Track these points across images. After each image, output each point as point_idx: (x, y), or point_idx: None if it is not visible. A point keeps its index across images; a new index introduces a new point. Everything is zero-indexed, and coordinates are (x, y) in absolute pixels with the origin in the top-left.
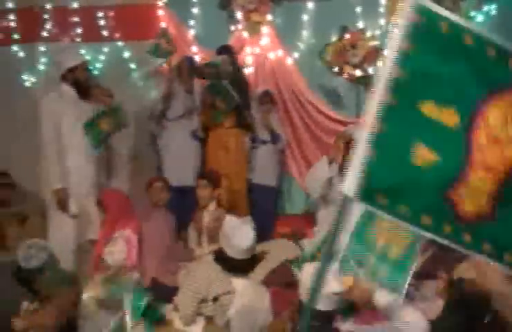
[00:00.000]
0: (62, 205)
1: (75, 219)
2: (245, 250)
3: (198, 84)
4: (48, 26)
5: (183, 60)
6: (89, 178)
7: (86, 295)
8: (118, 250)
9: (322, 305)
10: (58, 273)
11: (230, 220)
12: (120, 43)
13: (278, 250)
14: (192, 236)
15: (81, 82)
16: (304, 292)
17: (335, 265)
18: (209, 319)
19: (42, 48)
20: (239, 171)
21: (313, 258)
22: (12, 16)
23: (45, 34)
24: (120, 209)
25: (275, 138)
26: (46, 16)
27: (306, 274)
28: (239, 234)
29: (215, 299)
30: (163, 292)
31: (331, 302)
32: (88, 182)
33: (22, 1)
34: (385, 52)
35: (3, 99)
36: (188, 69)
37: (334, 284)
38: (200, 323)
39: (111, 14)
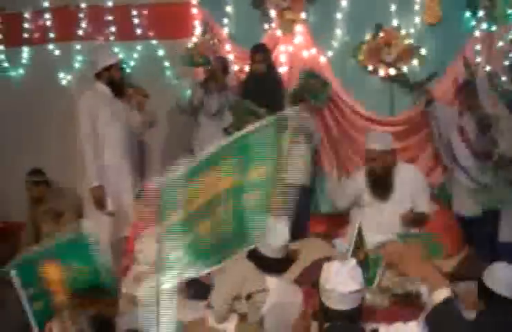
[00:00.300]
0: (99, 202)
1: (111, 217)
2: (278, 248)
3: (233, 82)
4: (83, 25)
5: (215, 59)
6: (125, 175)
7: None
8: (150, 247)
9: (342, 304)
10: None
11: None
12: (153, 42)
13: (311, 249)
14: None
15: (115, 81)
16: (321, 292)
17: (351, 263)
18: (243, 317)
19: (77, 47)
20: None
21: None
22: (47, 15)
23: (80, 32)
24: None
25: (308, 136)
26: (81, 14)
27: (324, 273)
28: (274, 233)
29: (248, 297)
30: (199, 290)
31: (350, 301)
32: (124, 179)
33: (58, 0)
34: (421, 50)
35: (39, 97)
36: (221, 68)
37: (351, 283)
38: (234, 320)
39: (145, 12)
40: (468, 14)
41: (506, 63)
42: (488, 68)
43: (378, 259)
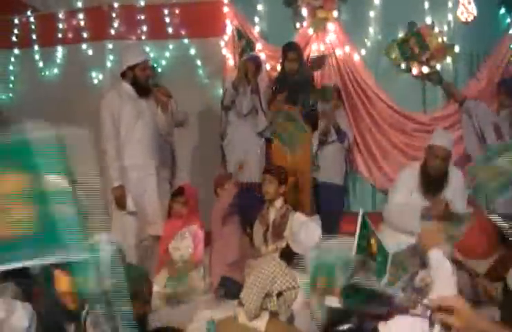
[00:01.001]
0: (120, 202)
1: (135, 215)
2: (311, 247)
3: (265, 82)
4: (115, 24)
5: (248, 59)
6: (150, 175)
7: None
8: (185, 246)
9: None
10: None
11: (299, 217)
12: (185, 41)
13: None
14: (257, 232)
15: (139, 80)
16: None
17: None
18: (274, 314)
19: (110, 46)
20: (303, 169)
21: None
22: (81, 16)
23: (112, 32)
24: (196, 205)
25: (341, 136)
26: (114, 14)
27: None
28: (307, 231)
29: (279, 295)
30: (233, 289)
31: None
32: (148, 179)
33: (91, 0)
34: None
35: (73, 96)
36: (253, 68)
37: None
38: (265, 317)
39: (177, 11)
40: (503, 11)
41: None
42: None
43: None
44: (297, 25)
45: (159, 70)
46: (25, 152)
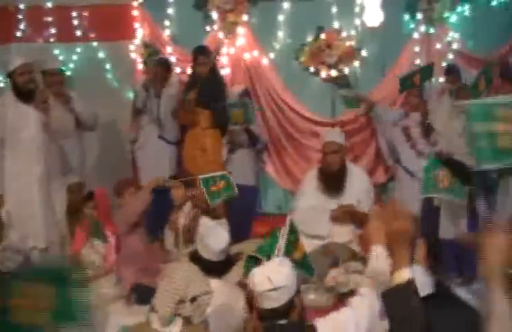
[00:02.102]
0: None
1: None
2: (219, 252)
3: (175, 86)
4: (21, 26)
5: (159, 62)
6: (34, 182)
7: None
8: (96, 252)
9: (267, 303)
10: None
11: (205, 222)
12: (94, 44)
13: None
14: (168, 237)
15: (19, 86)
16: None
17: (271, 263)
18: (187, 320)
19: (16, 49)
20: (214, 171)
21: None
22: None
23: (19, 34)
24: (107, 210)
25: (253, 139)
26: (20, 16)
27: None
28: (214, 236)
29: (193, 300)
30: (145, 294)
31: (274, 299)
32: (30, 187)
33: None
34: (362, 52)
35: None
36: (165, 71)
37: (267, 282)
38: (178, 323)
39: (86, 14)
40: (407, 17)
41: (444, 64)
42: None
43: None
44: (208, 28)
45: (68, 73)
46: None
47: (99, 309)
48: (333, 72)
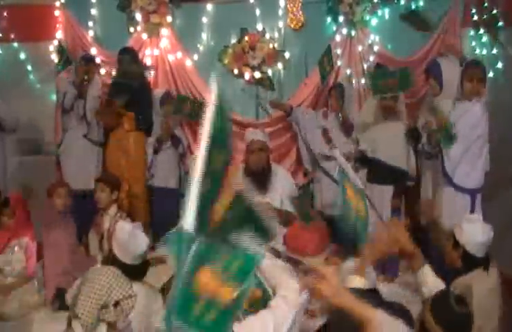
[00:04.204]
0: None
1: None
2: (139, 255)
3: (97, 87)
4: None
5: (87, 59)
6: None
7: None
8: (16, 259)
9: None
10: None
11: (123, 227)
12: (15, 44)
13: None
14: (92, 241)
15: None
16: None
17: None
18: (111, 325)
19: None
20: (138, 174)
21: None
22: None
23: None
24: (26, 215)
25: (175, 142)
26: None
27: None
28: (134, 240)
29: (116, 304)
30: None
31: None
32: None
33: None
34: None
35: None
36: (94, 68)
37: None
38: (102, 329)
39: (5, 14)
40: (329, 19)
41: (365, 66)
42: (348, 71)
43: None
44: (131, 29)
45: None
46: None
47: (23, 318)
48: (257, 74)
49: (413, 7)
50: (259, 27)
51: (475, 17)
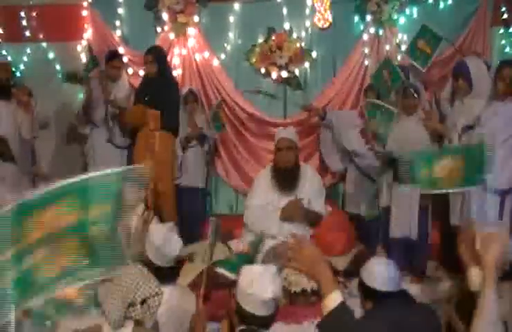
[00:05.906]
0: None
1: None
2: (173, 258)
3: (125, 87)
4: None
5: (114, 59)
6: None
7: None
8: None
9: (262, 310)
10: None
11: (158, 229)
12: (43, 44)
13: (205, 252)
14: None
15: None
16: (240, 295)
17: (272, 269)
18: (138, 322)
19: None
20: (164, 173)
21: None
22: None
23: None
24: None
25: (202, 140)
26: None
27: (245, 277)
28: (169, 244)
29: (143, 302)
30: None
31: (269, 307)
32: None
33: None
34: (312, 53)
35: None
36: (117, 63)
37: (272, 288)
38: (129, 326)
39: (34, 14)
40: (356, 18)
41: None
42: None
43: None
44: (159, 29)
45: (18, 74)
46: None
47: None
48: (284, 73)
49: (441, 6)
50: (286, 26)
51: (505, 15)
